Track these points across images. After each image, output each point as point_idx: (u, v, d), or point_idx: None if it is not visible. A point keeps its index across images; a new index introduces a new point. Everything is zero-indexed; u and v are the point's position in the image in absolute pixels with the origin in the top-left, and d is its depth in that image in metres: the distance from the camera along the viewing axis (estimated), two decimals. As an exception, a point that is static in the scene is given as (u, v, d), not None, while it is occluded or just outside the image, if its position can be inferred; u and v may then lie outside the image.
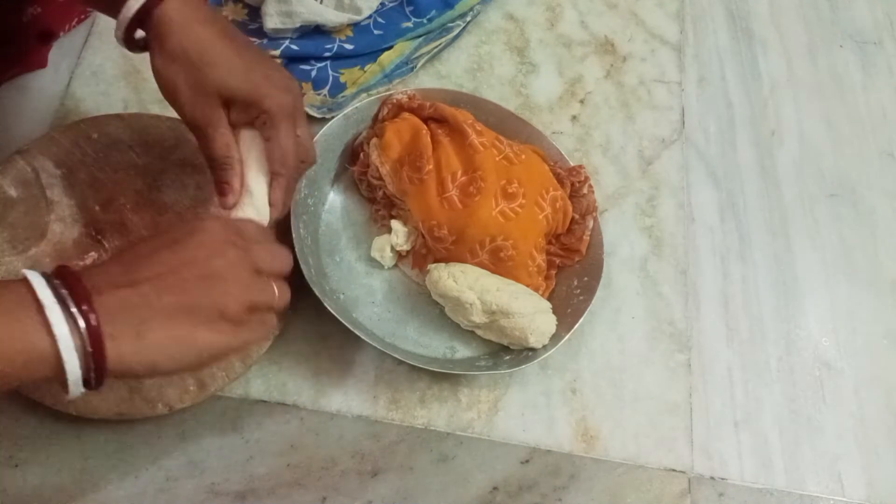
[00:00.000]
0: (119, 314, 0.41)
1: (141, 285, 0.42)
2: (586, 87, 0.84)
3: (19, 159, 0.64)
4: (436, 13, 0.82)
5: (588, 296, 0.67)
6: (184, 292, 0.43)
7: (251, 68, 0.53)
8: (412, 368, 0.65)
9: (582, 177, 0.72)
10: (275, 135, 0.54)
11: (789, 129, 0.86)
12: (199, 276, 0.44)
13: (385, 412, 0.64)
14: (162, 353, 0.42)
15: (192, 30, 0.52)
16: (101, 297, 0.41)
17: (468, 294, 0.63)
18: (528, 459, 0.64)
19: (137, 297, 0.42)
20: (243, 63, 0.53)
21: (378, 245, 0.69)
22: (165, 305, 0.42)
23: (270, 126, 0.54)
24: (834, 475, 0.68)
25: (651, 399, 0.68)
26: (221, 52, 0.52)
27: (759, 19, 0.93)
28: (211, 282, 0.44)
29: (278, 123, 0.54)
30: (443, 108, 0.70)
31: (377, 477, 0.62)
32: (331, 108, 0.75)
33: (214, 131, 0.53)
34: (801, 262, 0.78)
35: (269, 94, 0.53)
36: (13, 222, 0.62)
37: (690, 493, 0.65)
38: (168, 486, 0.59)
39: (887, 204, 0.83)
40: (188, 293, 0.43)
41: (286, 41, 0.76)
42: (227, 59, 0.52)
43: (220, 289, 0.44)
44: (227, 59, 0.52)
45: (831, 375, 0.72)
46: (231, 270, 0.45)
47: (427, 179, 0.66)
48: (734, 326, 0.73)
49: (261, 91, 0.53)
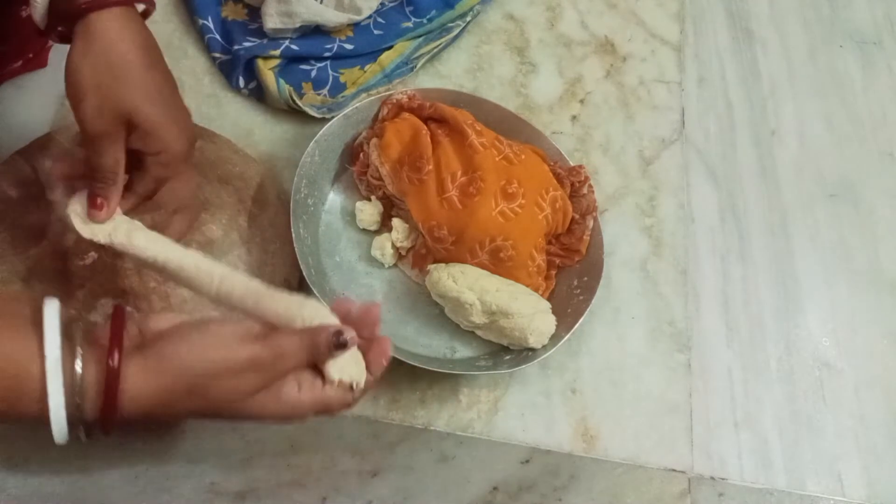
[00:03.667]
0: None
1: (177, 411, 0.44)
2: (586, 87, 0.84)
3: (19, 159, 0.64)
4: (436, 13, 0.82)
5: (588, 296, 0.67)
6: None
7: (166, 103, 0.53)
8: (412, 368, 0.65)
9: (582, 177, 0.72)
10: (177, 173, 0.55)
11: (789, 129, 0.86)
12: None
13: (385, 412, 0.64)
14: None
15: (123, 45, 0.51)
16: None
17: (468, 294, 0.63)
18: (528, 459, 0.64)
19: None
20: (160, 96, 0.52)
21: (378, 243, 0.69)
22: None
23: (169, 165, 0.54)
24: (834, 475, 0.68)
25: (651, 399, 0.68)
26: (143, 77, 0.51)
27: (759, 19, 0.93)
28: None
29: (178, 164, 0.54)
30: (443, 108, 0.70)
31: (377, 477, 0.62)
32: (331, 108, 0.75)
33: (110, 145, 0.51)
34: (801, 262, 0.78)
35: (171, 132, 0.53)
36: (13, 222, 0.62)
37: (690, 493, 0.65)
38: (168, 486, 0.58)
39: (887, 204, 0.83)
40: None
41: (286, 41, 0.76)
42: (146, 85, 0.51)
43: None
44: (146, 86, 0.51)
45: (831, 375, 0.72)
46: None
47: (427, 179, 0.66)
48: (734, 326, 0.73)
49: (166, 126, 0.52)
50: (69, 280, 0.62)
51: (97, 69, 0.50)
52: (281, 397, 0.46)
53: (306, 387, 0.47)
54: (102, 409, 0.41)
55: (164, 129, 0.52)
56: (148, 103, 0.51)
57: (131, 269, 0.63)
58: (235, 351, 0.44)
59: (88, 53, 0.50)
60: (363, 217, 0.69)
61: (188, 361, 0.43)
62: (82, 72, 0.50)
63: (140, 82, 0.51)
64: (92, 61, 0.50)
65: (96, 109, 0.50)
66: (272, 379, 0.46)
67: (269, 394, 0.45)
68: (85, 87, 0.50)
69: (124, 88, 0.50)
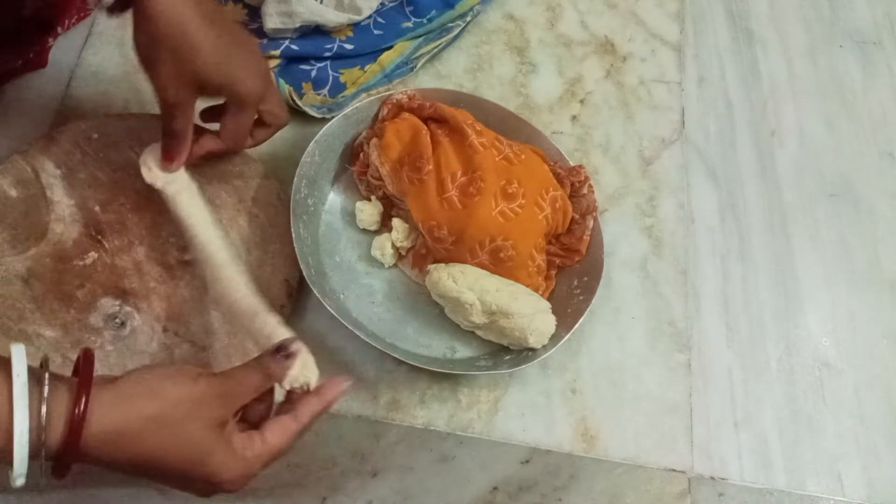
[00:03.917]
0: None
1: (136, 454, 0.44)
2: (586, 87, 0.84)
3: (19, 159, 0.64)
4: (436, 13, 0.82)
5: (588, 296, 0.67)
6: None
7: (229, 57, 0.56)
8: (412, 368, 0.65)
9: (582, 177, 0.71)
10: (237, 114, 0.59)
11: (789, 130, 0.86)
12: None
13: (385, 412, 0.64)
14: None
15: (178, 12, 0.53)
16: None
17: (468, 294, 0.63)
18: (528, 459, 0.64)
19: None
20: (222, 51, 0.55)
21: (378, 243, 0.69)
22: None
23: (237, 108, 0.59)
24: (834, 475, 0.68)
25: (651, 399, 0.68)
26: (203, 39, 0.54)
27: (759, 19, 0.93)
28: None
29: (245, 108, 0.59)
30: (443, 108, 0.70)
31: (377, 477, 0.62)
32: (331, 108, 0.75)
33: (181, 112, 0.57)
34: (801, 262, 0.78)
35: (241, 82, 0.57)
36: (13, 222, 0.62)
37: (690, 493, 0.65)
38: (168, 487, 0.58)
39: (887, 204, 0.83)
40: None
41: (286, 41, 0.76)
42: (206, 47, 0.54)
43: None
44: (207, 47, 0.54)
45: (831, 375, 0.72)
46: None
47: (427, 180, 0.66)
48: (734, 326, 0.73)
49: (234, 79, 0.57)
50: (69, 280, 0.62)
51: (158, 44, 0.53)
52: (237, 452, 0.46)
53: (250, 445, 0.47)
54: (67, 437, 0.41)
55: (230, 82, 0.57)
56: (209, 66, 0.55)
57: (131, 269, 0.63)
58: (190, 383, 0.45)
59: (148, 30, 0.53)
60: (363, 217, 0.69)
61: (145, 394, 0.44)
62: (147, 50, 0.54)
63: (199, 46, 0.54)
64: (152, 37, 0.53)
65: (164, 82, 0.55)
66: (230, 408, 0.46)
67: (227, 451, 0.46)
68: (151, 63, 0.54)
69: (185, 58, 0.54)
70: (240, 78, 0.57)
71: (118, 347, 0.60)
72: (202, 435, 0.45)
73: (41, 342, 0.59)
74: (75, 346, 0.59)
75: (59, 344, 0.59)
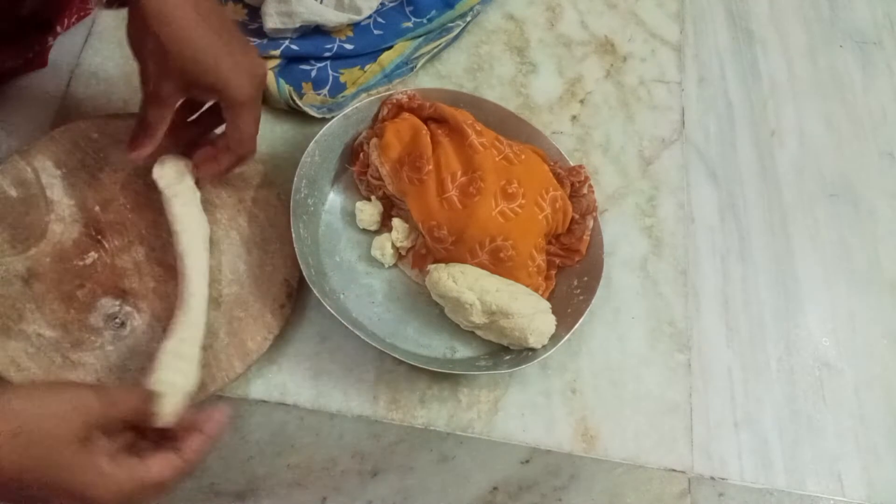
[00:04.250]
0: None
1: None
2: (586, 87, 0.84)
3: (19, 159, 0.65)
4: (436, 13, 0.82)
5: (588, 296, 0.67)
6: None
7: (221, 58, 0.55)
8: (412, 368, 0.65)
9: (582, 177, 0.72)
10: (235, 119, 0.58)
11: (789, 129, 0.86)
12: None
13: (385, 412, 0.64)
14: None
15: (173, 11, 0.53)
16: None
17: (468, 295, 0.63)
18: (528, 459, 0.64)
19: None
20: (214, 52, 0.55)
21: (378, 243, 0.69)
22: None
23: (232, 112, 0.58)
24: (834, 475, 0.68)
25: (651, 399, 0.68)
26: (195, 39, 0.54)
27: (759, 19, 0.93)
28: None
29: (240, 111, 0.58)
30: (443, 108, 0.70)
31: (377, 477, 0.62)
32: (331, 108, 0.75)
33: (157, 105, 0.57)
34: (801, 262, 0.78)
35: (232, 85, 0.56)
36: (13, 222, 0.62)
37: (690, 493, 0.65)
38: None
39: (887, 204, 0.83)
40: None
41: (286, 41, 0.76)
42: (198, 46, 0.54)
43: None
44: (199, 46, 0.54)
45: (831, 375, 0.72)
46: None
47: (427, 180, 0.66)
48: (734, 326, 0.73)
49: (225, 81, 0.56)
50: (69, 280, 0.62)
51: (150, 40, 0.53)
52: (104, 469, 0.45)
53: (126, 466, 0.46)
54: None
55: (224, 84, 0.56)
56: (200, 66, 0.55)
57: (131, 269, 0.63)
58: (52, 398, 0.44)
59: (142, 25, 0.53)
60: (363, 217, 0.69)
61: (16, 403, 0.43)
62: (139, 45, 0.54)
63: (192, 46, 0.54)
64: (145, 33, 0.53)
65: (152, 77, 0.55)
66: (94, 425, 0.45)
67: (90, 468, 0.44)
68: (142, 56, 0.55)
69: (176, 58, 0.54)
70: (231, 80, 0.56)
71: (118, 347, 0.60)
72: (61, 452, 0.43)
73: (41, 342, 0.59)
74: (75, 346, 0.60)
75: (59, 344, 0.59)
